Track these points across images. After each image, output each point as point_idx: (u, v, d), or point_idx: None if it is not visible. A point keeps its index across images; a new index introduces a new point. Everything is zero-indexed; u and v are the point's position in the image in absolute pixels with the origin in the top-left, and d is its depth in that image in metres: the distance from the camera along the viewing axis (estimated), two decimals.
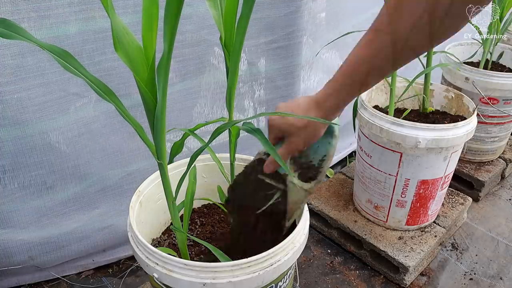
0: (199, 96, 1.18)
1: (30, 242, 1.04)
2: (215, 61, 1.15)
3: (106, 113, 1.02)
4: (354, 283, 1.19)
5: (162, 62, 0.50)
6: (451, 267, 1.25)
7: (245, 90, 1.28)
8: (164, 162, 0.62)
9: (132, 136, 1.08)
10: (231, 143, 0.81)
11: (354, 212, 1.32)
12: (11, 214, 1.00)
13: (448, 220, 1.29)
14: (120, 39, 0.49)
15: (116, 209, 1.14)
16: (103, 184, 1.10)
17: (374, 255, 1.22)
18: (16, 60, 0.84)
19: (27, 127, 0.91)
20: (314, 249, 1.31)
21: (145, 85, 0.53)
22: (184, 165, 0.84)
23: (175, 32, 0.47)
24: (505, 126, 1.51)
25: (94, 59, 0.93)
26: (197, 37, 1.07)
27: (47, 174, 0.99)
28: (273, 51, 1.25)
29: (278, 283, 0.70)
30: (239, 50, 0.64)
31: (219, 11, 0.68)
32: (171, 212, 0.69)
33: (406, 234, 1.23)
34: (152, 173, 0.83)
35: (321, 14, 1.35)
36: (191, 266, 0.61)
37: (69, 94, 0.94)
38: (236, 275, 0.61)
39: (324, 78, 1.50)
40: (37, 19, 0.83)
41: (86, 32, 0.90)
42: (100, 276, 1.19)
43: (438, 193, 1.19)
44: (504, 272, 1.23)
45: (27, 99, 0.88)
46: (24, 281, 1.12)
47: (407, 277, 1.15)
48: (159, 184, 0.78)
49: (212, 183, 0.92)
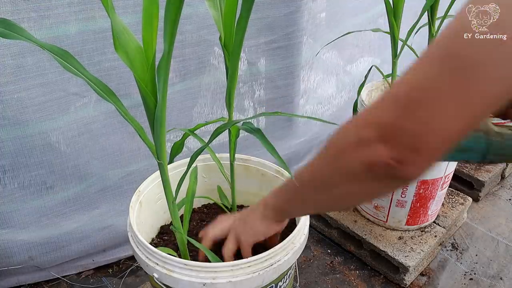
0: (199, 96, 1.18)
1: (30, 242, 1.04)
2: (215, 61, 1.15)
3: (106, 113, 1.02)
4: (354, 283, 1.19)
5: (162, 62, 0.50)
6: (451, 267, 1.25)
7: (245, 90, 1.28)
8: (164, 162, 0.62)
9: (132, 136, 1.08)
10: (231, 143, 0.81)
11: (354, 212, 1.32)
12: (11, 214, 1.00)
13: (448, 220, 1.29)
14: (120, 39, 0.49)
15: (116, 209, 1.14)
16: (103, 184, 1.10)
17: (374, 255, 1.22)
18: (16, 60, 0.84)
19: (27, 127, 0.91)
20: (314, 249, 1.31)
21: (145, 85, 0.53)
22: (184, 165, 0.84)
23: (175, 32, 0.47)
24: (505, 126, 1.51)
25: (94, 59, 0.93)
26: (197, 37, 1.07)
27: (47, 174, 0.99)
28: (273, 51, 1.25)
29: (278, 283, 0.70)
30: (239, 50, 0.64)
31: (219, 11, 0.68)
32: (171, 212, 0.69)
33: (406, 234, 1.23)
34: (152, 173, 0.83)
35: (321, 14, 1.35)
36: (191, 266, 0.62)
37: (69, 94, 0.94)
38: (236, 275, 0.62)
39: (324, 78, 1.50)
40: (37, 19, 0.83)
41: (86, 32, 0.90)
42: (100, 276, 1.19)
43: (438, 193, 1.19)
44: (504, 272, 1.23)
45: (27, 99, 0.88)
46: (24, 281, 1.12)
47: (407, 277, 1.15)
48: (159, 184, 0.78)
49: (212, 183, 0.92)
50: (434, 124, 0.39)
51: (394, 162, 0.41)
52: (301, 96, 1.43)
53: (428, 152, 0.41)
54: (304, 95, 1.44)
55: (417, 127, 0.40)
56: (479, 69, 0.37)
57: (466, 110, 0.39)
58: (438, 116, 0.39)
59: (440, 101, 0.38)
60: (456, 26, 0.39)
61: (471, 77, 0.37)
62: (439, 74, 0.39)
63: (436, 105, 0.39)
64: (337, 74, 1.55)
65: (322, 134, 1.55)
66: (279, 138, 1.42)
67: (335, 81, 1.56)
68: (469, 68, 0.37)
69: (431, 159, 0.42)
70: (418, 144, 0.40)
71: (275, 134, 1.41)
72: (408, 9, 1.07)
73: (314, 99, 1.51)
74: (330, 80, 1.54)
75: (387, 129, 0.41)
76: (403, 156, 0.41)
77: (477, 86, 0.37)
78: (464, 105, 0.38)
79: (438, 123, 0.39)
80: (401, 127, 0.40)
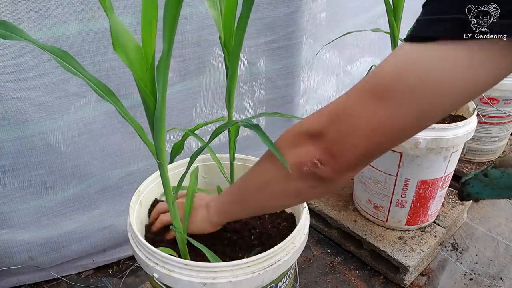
0: (199, 96, 1.18)
1: (30, 242, 1.04)
2: (215, 61, 1.15)
3: (106, 113, 1.02)
4: (354, 283, 1.19)
5: (162, 62, 0.50)
6: (451, 267, 1.25)
7: (245, 90, 1.28)
8: (164, 162, 0.62)
9: (132, 136, 1.08)
10: (230, 143, 0.81)
11: (354, 212, 1.32)
12: (11, 214, 1.00)
13: (448, 220, 1.29)
14: (119, 39, 0.49)
15: (116, 209, 1.14)
16: (103, 184, 1.10)
17: (374, 255, 1.22)
18: (16, 60, 0.84)
19: (27, 127, 0.91)
20: (314, 249, 1.31)
21: (145, 85, 0.53)
22: (184, 165, 0.84)
23: (174, 32, 0.47)
24: (505, 126, 1.51)
25: (94, 59, 0.93)
26: (197, 37, 1.07)
27: (47, 174, 0.99)
28: (273, 51, 1.25)
29: (278, 283, 0.70)
30: (239, 50, 0.64)
31: (219, 11, 0.68)
32: (171, 212, 0.69)
33: (406, 234, 1.23)
34: (152, 173, 0.83)
35: (321, 14, 1.35)
36: (191, 266, 0.61)
37: (69, 94, 0.94)
38: (236, 275, 0.61)
39: (324, 78, 1.50)
40: (37, 19, 0.83)
41: (86, 32, 0.90)
42: (100, 276, 1.19)
43: (438, 193, 1.19)
44: (504, 272, 1.23)
45: (27, 99, 0.88)
46: (24, 281, 1.12)
47: (407, 277, 1.15)
48: (159, 184, 0.78)
49: (212, 183, 0.92)
50: (348, 138, 0.46)
51: (318, 162, 0.49)
52: (301, 96, 1.43)
53: (342, 160, 0.48)
54: (304, 95, 1.44)
55: (336, 137, 0.47)
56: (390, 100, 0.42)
57: (375, 134, 0.45)
58: (351, 132, 0.46)
59: (353, 120, 0.46)
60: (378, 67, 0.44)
61: (384, 106, 0.43)
62: (360, 98, 0.45)
63: (351, 123, 0.46)
64: (337, 74, 1.55)
65: None
66: None
67: (335, 81, 1.56)
68: (383, 98, 0.43)
69: (347, 167, 0.49)
70: (335, 151, 0.48)
71: (275, 134, 1.39)
72: (408, 9, 1.07)
73: (314, 99, 1.51)
74: (330, 80, 1.54)
75: (315, 133, 0.49)
76: (324, 158, 0.49)
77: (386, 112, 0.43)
78: (374, 130, 0.44)
79: (351, 138, 0.46)
80: (325, 133, 0.48)
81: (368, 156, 0.48)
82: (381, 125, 0.44)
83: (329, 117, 0.48)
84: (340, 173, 0.50)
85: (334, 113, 0.48)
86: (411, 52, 0.41)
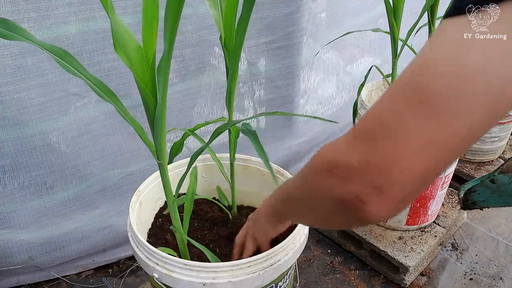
0: (199, 96, 1.18)
1: (30, 242, 1.04)
2: (215, 61, 1.15)
3: (106, 114, 1.02)
4: (354, 283, 1.19)
5: (162, 62, 0.50)
6: (451, 267, 1.25)
7: (245, 90, 1.28)
8: (164, 162, 0.62)
9: (132, 136, 1.08)
10: (231, 143, 0.81)
11: None
12: (11, 214, 1.00)
13: (448, 220, 1.29)
14: (120, 39, 0.49)
15: (116, 209, 1.14)
16: (103, 184, 1.10)
17: (374, 255, 1.22)
18: (16, 60, 0.84)
19: (27, 127, 0.91)
20: (314, 249, 1.31)
21: (145, 86, 0.53)
22: (184, 165, 0.84)
23: (175, 32, 0.47)
24: (505, 126, 1.51)
25: (94, 59, 0.93)
26: (197, 37, 1.07)
27: (47, 174, 0.99)
28: (273, 51, 1.25)
29: (278, 283, 0.70)
30: (239, 50, 0.64)
31: (219, 11, 0.68)
32: (171, 213, 0.69)
33: (406, 234, 1.23)
34: (152, 173, 0.83)
35: (321, 14, 1.35)
36: (191, 266, 0.62)
37: (69, 95, 0.94)
38: (236, 275, 0.62)
39: (324, 78, 1.50)
40: (37, 19, 0.83)
41: (86, 32, 0.90)
42: (100, 276, 1.19)
43: (438, 193, 1.19)
44: (504, 272, 1.23)
45: (27, 99, 0.88)
46: (24, 281, 1.12)
47: (407, 277, 1.15)
48: (159, 184, 0.78)
49: (212, 183, 0.92)
50: (399, 160, 0.35)
51: (358, 201, 0.37)
52: (301, 96, 1.43)
53: (393, 190, 0.36)
54: (304, 95, 1.44)
55: (380, 162, 0.35)
56: (444, 103, 0.33)
57: (433, 146, 0.35)
58: (402, 151, 0.35)
59: (403, 135, 0.35)
60: (420, 59, 0.36)
61: (436, 111, 0.34)
62: (404, 107, 0.35)
63: (399, 139, 0.35)
64: (337, 74, 1.55)
65: (322, 134, 1.55)
66: (279, 138, 1.42)
67: (335, 81, 1.56)
68: (433, 102, 0.34)
69: (397, 198, 0.37)
70: (382, 181, 0.36)
71: (275, 134, 1.41)
72: (408, 9, 1.07)
73: (314, 99, 1.51)
74: (331, 80, 1.54)
75: (348, 166, 0.37)
76: (365, 195, 0.37)
77: (444, 121, 0.34)
78: (431, 141, 0.34)
79: (402, 159, 0.35)
80: (365, 163, 0.36)
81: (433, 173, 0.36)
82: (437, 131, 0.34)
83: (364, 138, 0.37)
84: (392, 206, 0.37)
85: (369, 133, 0.37)
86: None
